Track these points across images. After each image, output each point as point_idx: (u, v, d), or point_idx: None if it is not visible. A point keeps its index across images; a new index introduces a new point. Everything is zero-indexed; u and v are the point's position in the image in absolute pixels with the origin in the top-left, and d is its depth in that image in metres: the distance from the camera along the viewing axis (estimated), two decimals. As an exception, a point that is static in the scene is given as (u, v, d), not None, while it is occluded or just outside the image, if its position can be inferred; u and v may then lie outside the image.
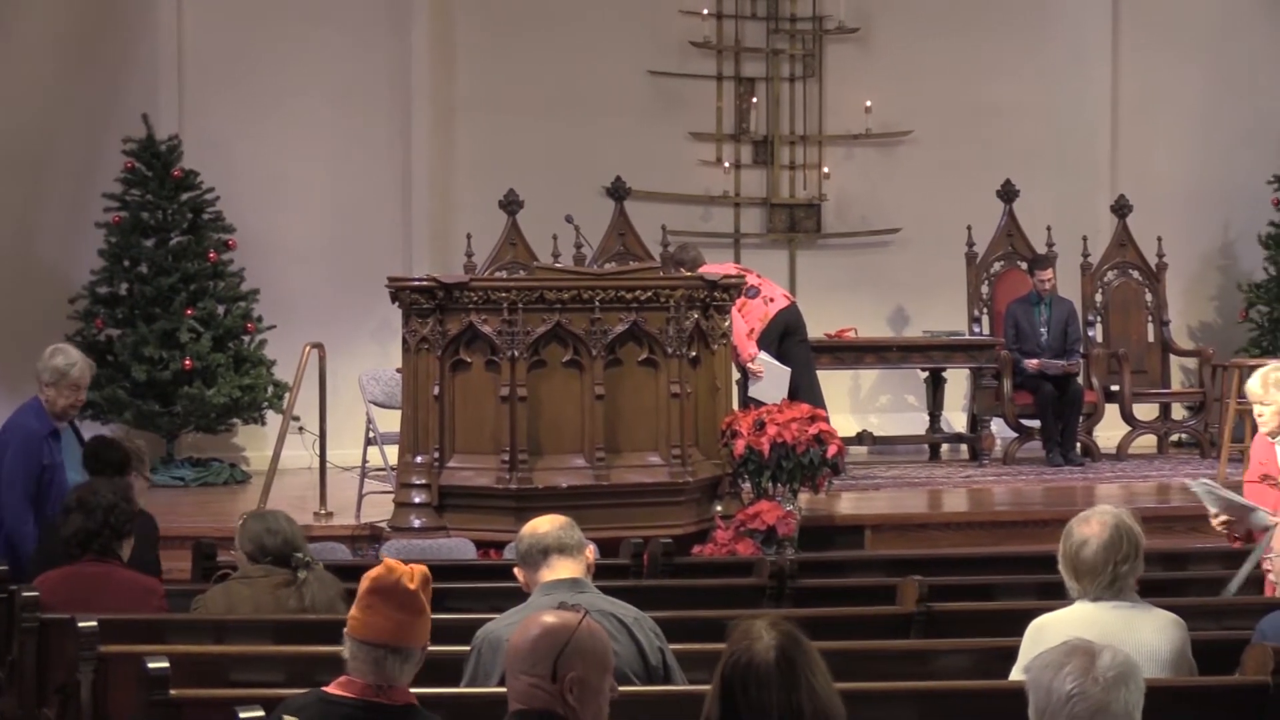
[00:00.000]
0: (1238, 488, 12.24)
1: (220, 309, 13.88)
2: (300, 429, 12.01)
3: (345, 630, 4.81)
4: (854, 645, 6.22)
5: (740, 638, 4.17)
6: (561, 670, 4.30)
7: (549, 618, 4.43)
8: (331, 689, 4.74)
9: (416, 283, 10.44)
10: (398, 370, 11.19)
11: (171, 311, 13.64)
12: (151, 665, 5.53)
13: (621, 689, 5.66)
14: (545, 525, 6.16)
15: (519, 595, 6.25)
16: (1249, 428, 12.63)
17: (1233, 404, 12.78)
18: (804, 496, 10.68)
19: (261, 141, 14.52)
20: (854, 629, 6.85)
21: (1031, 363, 14.03)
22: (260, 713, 4.71)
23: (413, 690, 5.30)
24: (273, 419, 13.41)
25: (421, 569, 4.88)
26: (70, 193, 14.18)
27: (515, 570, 6.31)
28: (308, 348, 11.59)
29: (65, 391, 8.81)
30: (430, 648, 6.33)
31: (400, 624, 4.75)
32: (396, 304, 10.52)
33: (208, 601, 7.20)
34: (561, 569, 6.08)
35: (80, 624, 6.32)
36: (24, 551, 8.29)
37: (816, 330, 13.95)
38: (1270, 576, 6.05)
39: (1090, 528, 5.62)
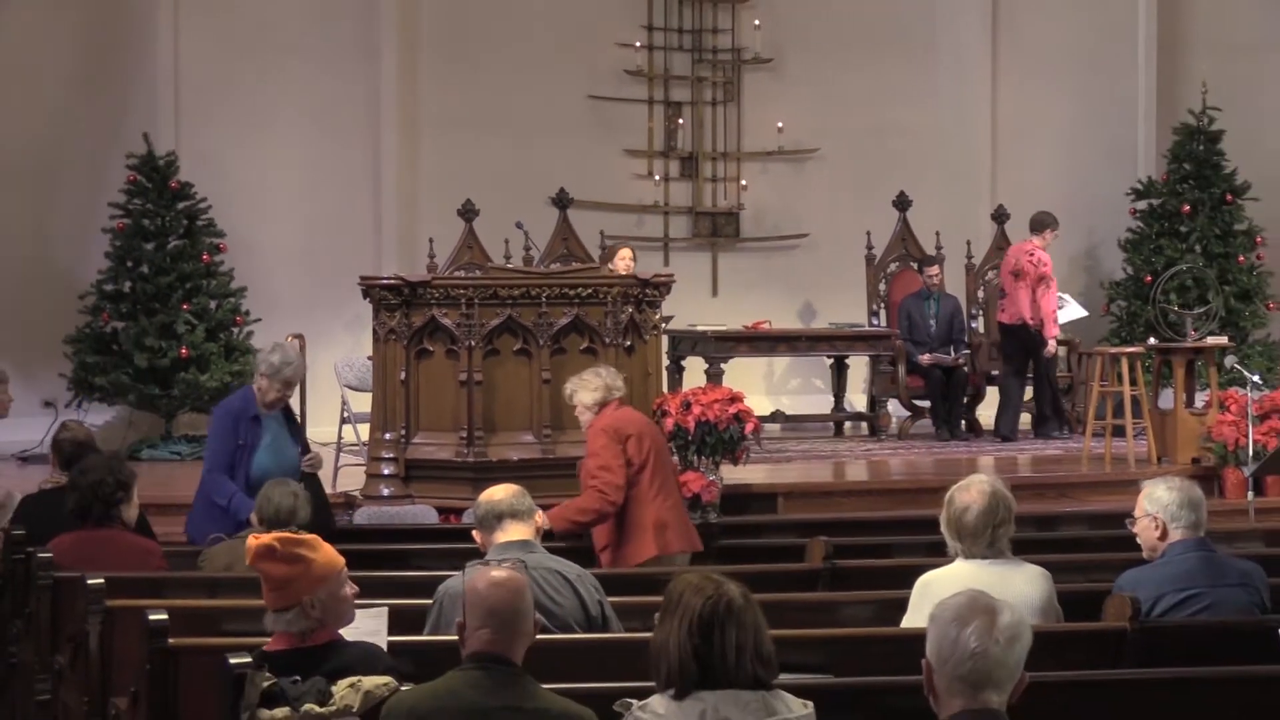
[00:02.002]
0: (1099, 460, 12.37)
1: (212, 304, 13.83)
2: (283, 409, 11.94)
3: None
4: (769, 597, 6.19)
5: (705, 586, 4.15)
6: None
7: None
8: (268, 647, 4.78)
9: (385, 281, 10.40)
10: (369, 358, 11.15)
11: (169, 306, 13.58)
12: (152, 618, 5.50)
13: (565, 636, 5.69)
14: (499, 493, 6.17)
15: (476, 554, 6.25)
16: (1109, 406, 12.75)
17: (1096, 386, 12.84)
18: (725, 467, 10.67)
19: (249, 157, 14.46)
20: (769, 583, 6.85)
21: (924, 357, 14.05)
22: (248, 659, 4.70)
23: (389, 639, 5.31)
24: (259, 401, 13.33)
25: (284, 534, 4.90)
26: (80, 202, 14.09)
27: (473, 533, 6.31)
28: (289, 338, 11.53)
29: (276, 385, 8.42)
30: (397, 601, 6.35)
31: (283, 585, 4.75)
32: (367, 300, 10.47)
33: (213, 556, 7.24)
34: (514, 532, 6.09)
35: (89, 581, 6.29)
36: (241, 516, 8.05)
37: (735, 323, 13.98)
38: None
39: (970, 495, 5.65)
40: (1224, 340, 13.04)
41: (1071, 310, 14.43)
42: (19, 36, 14.04)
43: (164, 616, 5.51)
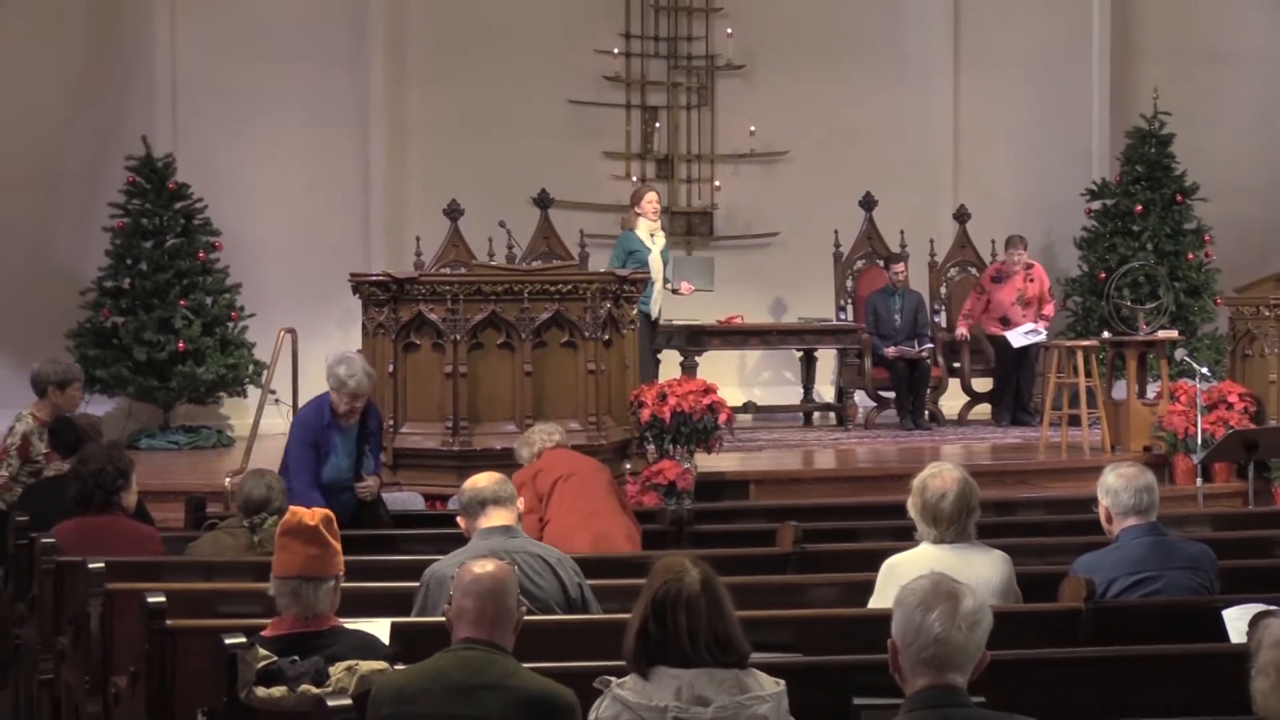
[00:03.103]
0: (1056, 448, 12.40)
1: (208, 300, 13.81)
2: (276, 400, 11.93)
3: (272, 575, 4.83)
4: (741, 580, 6.22)
5: (668, 571, 4.17)
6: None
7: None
8: (266, 632, 4.77)
9: (374, 278, 10.39)
10: (358, 351, 11.13)
11: (167, 302, 13.55)
12: (151, 600, 5.49)
13: (546, 618, 5.69)
14: (483, 480, 6.16)
15: (461, 540, 6.25)
16: (1065, 397, 12.78)
17: (1053, 378, 12.86)
18: (699, 456, 10.68)
19: (243, 158, 14.43)
20: (741, 566, 6.85)
21: (890, 350, 14.07)
22: (243, 639, 4.70)
23: (371, 620, 5.31)
24: (253, 392, 13.31)
25: (323, 511, 4.89)
26: (81, 202, 14.05)
27: (458, 519, 6.30)
28: (282, 332, 11.52)
29: (344, 398, 8.36)
30: (385, 584, 6.35)
31: (309, 557, 4.78)
32: (357, 295, 10.47)
33: (198, 547, 7.21)
34: (497, 518, 6.08)
35: (90, 565, 6.28)
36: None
37: (709, 318, 13.98)
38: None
39: (945, 483, 5.63)
40: (1174, 334, 13.08)
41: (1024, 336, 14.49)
42: (20, 45, 13.98)
43: (162, 599, 5.51)
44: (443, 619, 4.55)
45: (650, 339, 12.60)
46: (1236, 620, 5.54)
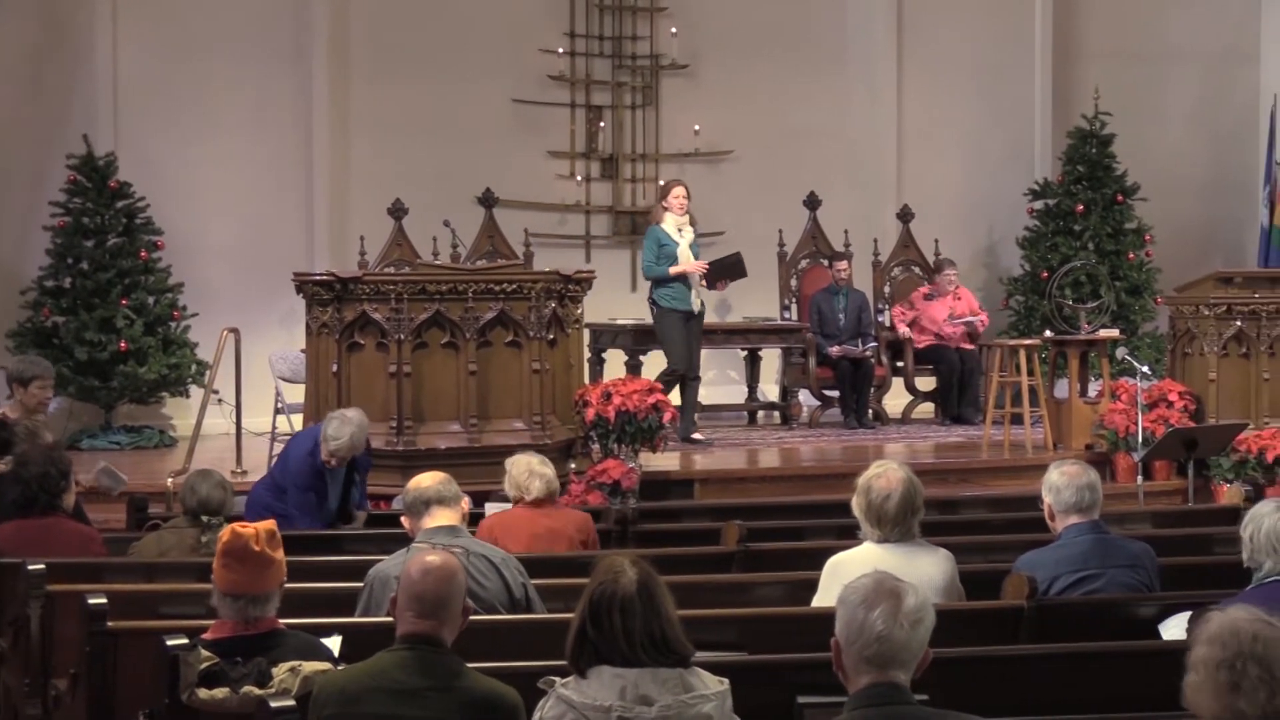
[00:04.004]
0: (999, 446, 12.47)
1: (150, 299, 13.72)
2: (219, 401, 11.86)
3: (212, 582, 4.79)
4: (686, 579, 6.23)
5: (606, 571, 4.16)
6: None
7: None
8: (208, 635, 4.73)
9: (318, 277, 10.37)
10: (302, 351, 11.09)
11: (109, 302, 13.45)
12: (91, 601, 5.46)
13: (490, 618, 5.68)
14: (427, 481, 6.14)
15: (406, 540, 6.23)
16: (1008, 396, 12.84)
17: (995, 377, 12.93)
18: (644, 455, 10.69)
19: (185, 157, 14.34)
20: (686, 565, 6.86)
21: (834, 349, 14.10)
22: (185, 640, 4.67)
23: (315, 620, 5.28)
24: (196, 392, 13.24)
25: (268, 526, 4.86)
26: (22, 201, 13.92)
27: (402, 519, 6.28)
28: (225, 332, 11.45)
29: (327, 454, 8.44)
30: (329, 584, 6.32)
31: (254, 577, 4.74)
32: (301, 295, 10.43)
33: (142, 547, 7.16)
34: (441, 517, 6.06)
35: (30, 567, 6.23)
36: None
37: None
38: None
39: (890, 483, 5.63)
40: (1115, 333, 13.16)
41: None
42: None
43: (103, 600, 5.47)
44: (390, 619, 4.53)
45: (685, 336, 12.38)
46: (1174, 631, 5.57)
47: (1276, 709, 3.21)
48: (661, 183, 12.79)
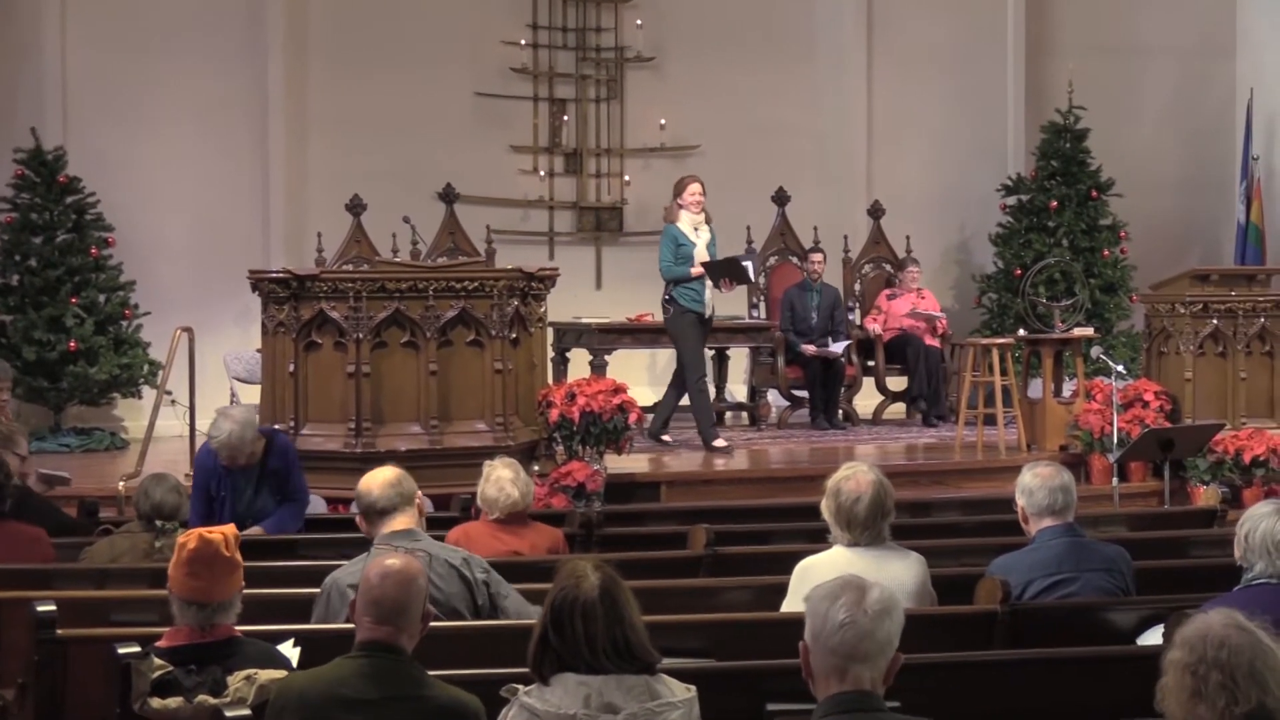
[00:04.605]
0: (971, 447, 12.50)
1: (101, 298, 13.67)
2: (173, 402, 11.82)
3: (169, 589, 4.75)
4: (652, 584, 6.23)
5: (568, 577, 4.17)
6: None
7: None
8: (162, 643, 4.71)
9: (274, 275, 10.33)
10: (258, 350, 11.05)
11: (58, 300, 13.40)
12: (40, 609, 5.42)
13: (451, 624, 5.66)
14: (378, 487, 6.08)
15: (364, 543, 6.21)
16: (981, 396, 12.88)
17: (968, 377, 12.96)
18: (609, 457, 10.69)
19: (137, 152, 14.29)
20: (652, 570, 6.86)
21: (808, 348, 14.11)
22: (137, 648, 4.64)
23: (272, 627, 5.27)
24: (148, 393, 13.19)
25: (232, 530, 4.84)
26: (-33, 196, 13.86)
27: (357, 519, 6.25)
28: (179, 331, 11.41)
29: (223, 452, 8.27)
30: (286, 590, 6.30)
31: (217, 583, 4.71)
32: (256, 293, 10.39)
33: (93, 552, 7.13)
34: (398, 522, 6.03)
35: (-26, 573, 6.19)
36: None
37: (619, 315, 13.97)
38: None
39: (859, 485, 5.64)
40: (1090, 331, 13.22)
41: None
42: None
43: (52, 608, 5.44)
44: (348, 625, 4.52)
45: (701, 338, 12.30)
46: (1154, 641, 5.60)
47: (1235, 716, 3.24)
48: (676, 179, 12.55)
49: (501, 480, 7.14)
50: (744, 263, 12.32)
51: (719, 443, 12.29)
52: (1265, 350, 12.40)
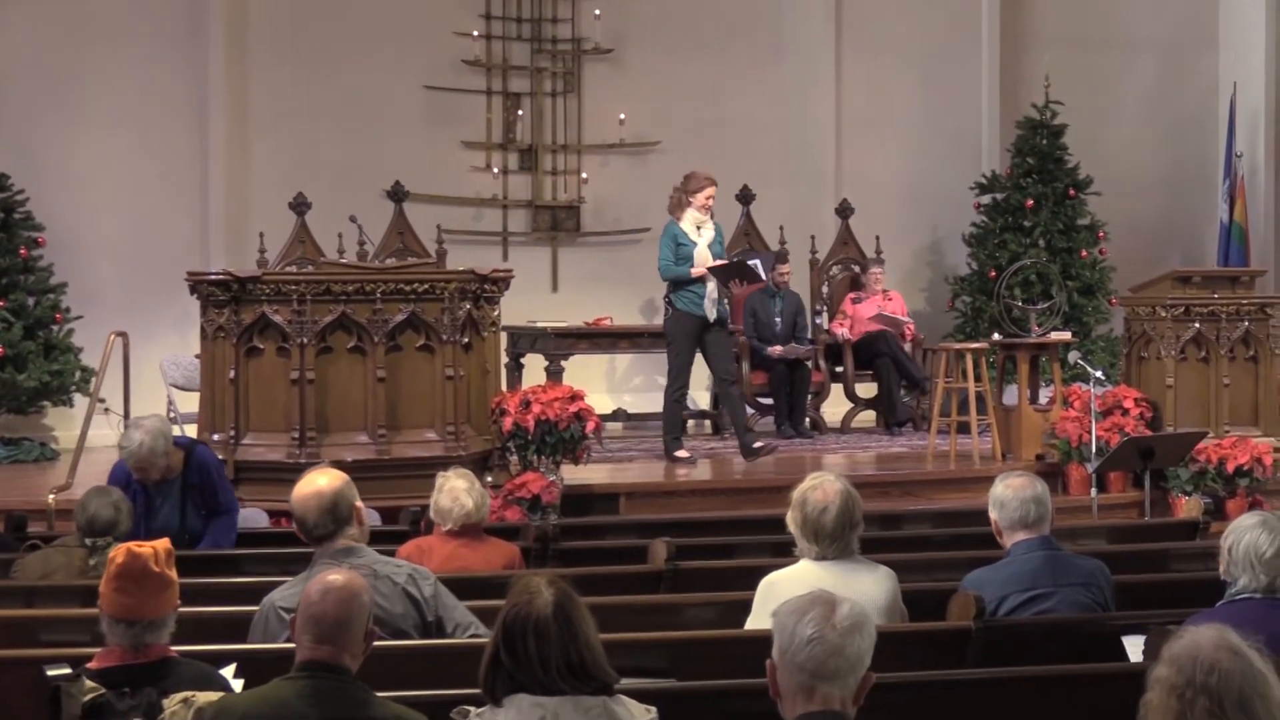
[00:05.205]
0: (944, 457, 12.52)
1: (30, 300, 13.61)
2: (106, 410, 11.76)
3: (100, 607, 4.72)
4: (611, 600, 6.23)
5: (521, 593, 4.16)
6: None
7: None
8: (93, 664, 4.67)
9: (213, 276, 10.31)
10: (196, 356, 11.04)
11: (-15, 303, 13.34)
12: (-36, 628, 5.39)
13: (398, 643, 5.64)
14: (313, 514, 5.99)
15: (307, 557, 6.18)
16: (954, 403, 12.92)
17: (941, 383, 12.99)
18: (565, 468, 10.68)
19: (69, 147, 14.22)
20: (611, 585, 6.86)
21: (775, 349, 14.14)
22: (68, 669, 4.61)
23: (210, 647, 5.24)
24: (80, 402, 13.12)
25: (164, 545, 4.81)
26: (-111, 193, 13.77)
27: (297, 530, 6.20)
28: (112, 336, 11.36)
29: (133, 464, 8.15)
30: (226, 608, 6.27)
31: (149, 600, 4.68)
32: (195, 296, 10.37)
33: (25, 567, 7.09)
34: (337, 542, 5.98)
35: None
36: None
37: (576, 319, 13.97)
38: None
39: (826, 495, 5.66)
40: (1067, 336, 13.25)
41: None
42: None
43: (-24, 627, 5.40)
44: (290, 645, 4.50)
45: (692, 346, 12.17)
46: (1138, 644, 5.61)
47: None
48: (687, 173, 12.38)
49: (456, 490, 7.12)
50: (750, 262, 12.26)
51: (681, 453, 12.28)
52: (1249, 355, 12.45)
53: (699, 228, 12.12)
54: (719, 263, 12.03)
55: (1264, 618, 4.98)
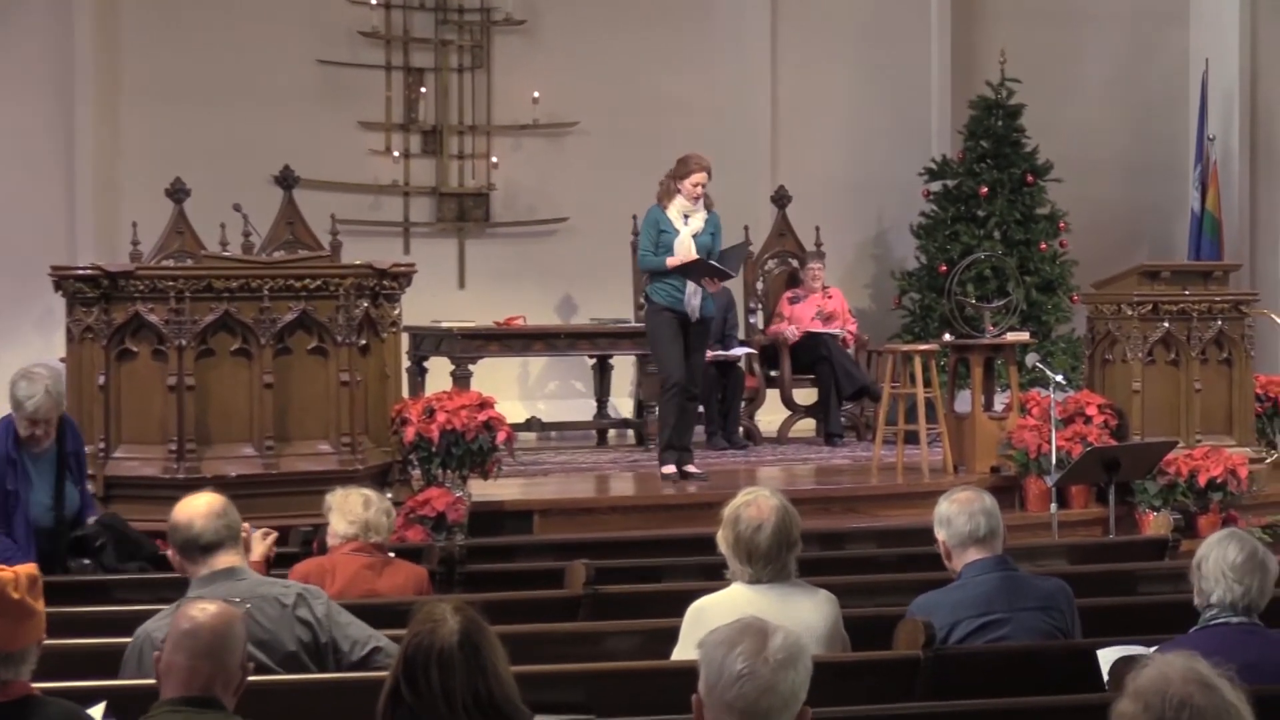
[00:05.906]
0: (890, 469, 12.58)
1: (-125, 298, 13.48)
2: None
3: None
4: (524, 629, 6.23)
5: (423, 621, 4.15)
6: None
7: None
8: None
9: (80, 271, 10.25)
10: (61, 360, 10.93)
11: None
12: None
13: (283, 677, 5.61)
14: (199, 520, 5.98)
15: (184, 585, 6.14)
16: (901, 410, 12.97)
17: (887, 388, 13.05)
18: (473, 482, 10.66)
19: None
20: (524, 612, 6.86)
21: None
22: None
23: (77, 684, 5.19)
24: (-69, 410, 13.01)
25: (28, 571, 4.76)
26: None
27: (171, 556, 6.16)
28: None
29: (23, 422, 8.12)
30: (96, 639, 6.22)
31: (8, 631, 4.64)
32: (60, 293, 10.30)
33: None
34: (221, 560, 5.95)
35: None
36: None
37: (485, 319, 13.95)
38: None
39: (760, 512, 5.67)
40: (1025, 336, 13.33)
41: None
42: None
43: None
44: (156, 682, 4.49)
45: (677, 339, 11.92)
46: (1112, 659, 5.65)
47: None
48: (681, 155, 12.27)
49: (355, 506, 7.11)
50: (712, 261, 12.20)
51: (667, 469, 12.11)
52: (1223, 358, 12.55)
53: (686, 216, 12.06)
54: (681, 260, 11.94)
55: (1238, 646, 5.03)
